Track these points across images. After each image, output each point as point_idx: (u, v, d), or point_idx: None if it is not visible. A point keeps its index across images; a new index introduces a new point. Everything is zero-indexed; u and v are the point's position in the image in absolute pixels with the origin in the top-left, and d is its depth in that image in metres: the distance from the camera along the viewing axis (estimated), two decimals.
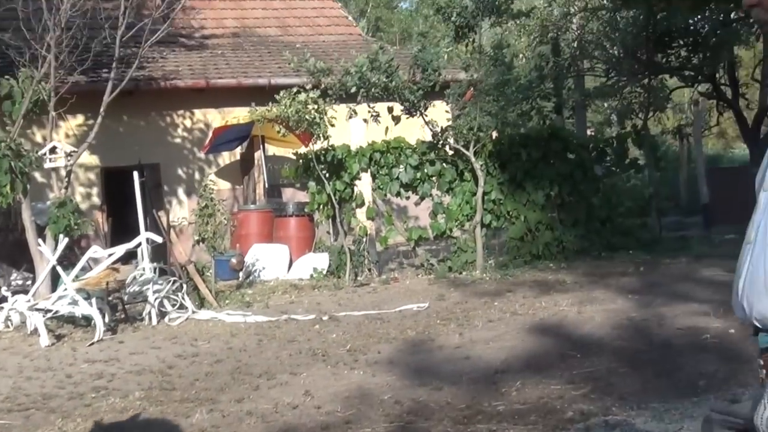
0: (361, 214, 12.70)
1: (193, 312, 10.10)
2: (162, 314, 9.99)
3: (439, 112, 12.80)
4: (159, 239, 10.60)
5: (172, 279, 10.33)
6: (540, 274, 11.79)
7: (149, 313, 9.92)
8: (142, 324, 9.89)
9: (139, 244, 10.57)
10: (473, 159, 12.57)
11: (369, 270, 12.40)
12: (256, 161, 15.50)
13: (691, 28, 15.59)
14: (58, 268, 10.07)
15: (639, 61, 15.59)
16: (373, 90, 11.83)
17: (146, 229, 10.74)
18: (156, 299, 9.95)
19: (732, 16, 15.72)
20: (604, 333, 7.85)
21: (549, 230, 13.12)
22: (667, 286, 10.20)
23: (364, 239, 12.52)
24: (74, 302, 9.39)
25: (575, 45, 17.36)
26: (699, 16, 14.80)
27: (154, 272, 10.46)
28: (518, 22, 16.63)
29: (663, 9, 10.89)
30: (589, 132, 17.62)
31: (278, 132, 12.50)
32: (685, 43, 15.96)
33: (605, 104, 19.94)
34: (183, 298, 10.17)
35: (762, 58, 18.00)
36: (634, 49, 15.34)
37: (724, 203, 15.41)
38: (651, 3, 10.13)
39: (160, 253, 11.87)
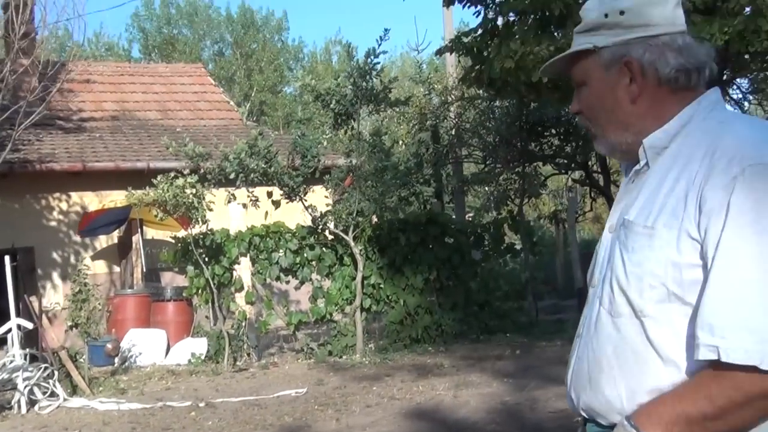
0: (240, 298, 12.59)
1: (65, 400, 9.78)
2: (32, 402, 9.65)
3: (319, 197, 12.89)
4: (30, 325, 10.28)
5: (44, 366, 10.00)
6: (419, 357, 11.86)
7: (18, 401, 9.57)
8: (10, 413, 9.53)
9: (9, 330, 10.22)
10: (352, 244, 12.67)
11: (248, 355, 12.26)
12: (133, 245, 15.27)
13: (563, 118, 16.19)
14: None
15: (514, 149, 16.08)
16: (252, 175, 11.84)
17: (17, 315, 10.40)
18: (26, 387, 9.62)
19: None
20: (479, 417, 7.94)
21: (428, 314, 13.24)
22: (541, 368, 10.38)
23: (244, 324, 12.40)
24: None
25: (453, 133, 17.76)
26: (568, 108, 15.39)
27: (25, 359, 10.11)
28: (397, 110, 16.99)
29: (534, 100, 11.31)
30: (468, 217, 17.94)
31: (156, 216, 12.38)
32: (557, 133, 16.56)
33: (484, 189, 20.40)
34: (54, 386, 9.85)
35: None
36: (508, 138, 15.82)
37: None
38: (522, 94, 10.49)
39: (32, 338, 11.49)
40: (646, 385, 1.77)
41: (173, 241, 13.38)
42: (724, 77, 9.65)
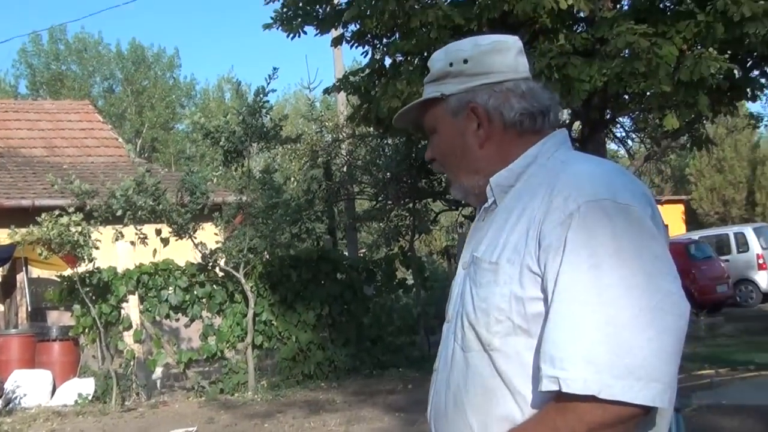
0: (128, 337, 12.40)
1: None
2: None
3: (209, 234, 12.83)
4: None
5: None
6: (311, 393, 11.87)
7: None
8: None
9: None
10: (243, 281, 12.63)
11: (137, 394, 12.06)
12: (18, 283, 14.89)
13: None
14: None
15: (404, 185, 16.28)
16: (139, 212, 11.74)
17: None
18: None
19: None
20: None
21: (320, 350, 13.28)
22: None
23: (132, 363, 12.20)
24: None
25: (345, 170, 17.89)
26: None
27: None
28: (289, 147, 17.06)
29: (421, 138, 11.52)
30: (361, 252, 18.06)
31: (40, 254, 12.13)
32: None
33: (376, 226, 20.56)
34: None
35: None
36: (398, 175, 16.01)
37: None
38: (409, 133, 10.69)
39: None
40: (496, 417, 1.81)
41: (59, 279, 13.12)
42: (607, 116, 10.00)
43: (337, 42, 11.02)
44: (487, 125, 1.97)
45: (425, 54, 9.84)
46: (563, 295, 1.70)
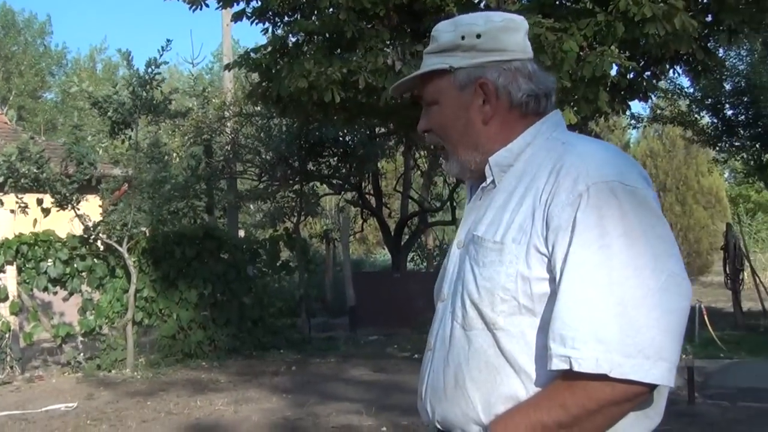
0: (4, 308, 11.93)
1: None
2: None
3: (93, 207, 12.45)
4: None
5: None
6: (193, 372, 11.71)
7: None
8: None
9: None
10: (126, 255, 12.33)
11: (11, 367, 11.64)
12: None
13: (341, 139, 16.51)
14: None
15: (291, 167, 16.20)
16: (22, 180, 11.31)
17: None
18: None
19: (377, 131, 16.87)
20: None
21: (201, 329, 13.10)
22: (318, 385, 10.52)
23: (7, 335, 11.76)
24: None
25: (229, 148, 17.65)
26: (348, 129, 15.71)
27: None
28: (174, 122, 16.71)
29: (320, 120, 11.47)
30: (241, 233, 17.87)
31: None
32: (335, 153, 16.85)
33: (259, 206, 20.39)
34: None
35: (403, 171, 19.40)
36: (287, 156, 15.92)
37: (368, 306, 16.22)
38: (308, 113, 10.62)
39: None
40: (500, 395, 1.84)
41: None
42: None
43: (236, 17, 10.84)
44: (494, 102, 1.99)
45: (331, 34, 9.81)
46: (573, 274, 1.73)
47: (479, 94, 1.99)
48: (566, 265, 1.74)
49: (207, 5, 10.57)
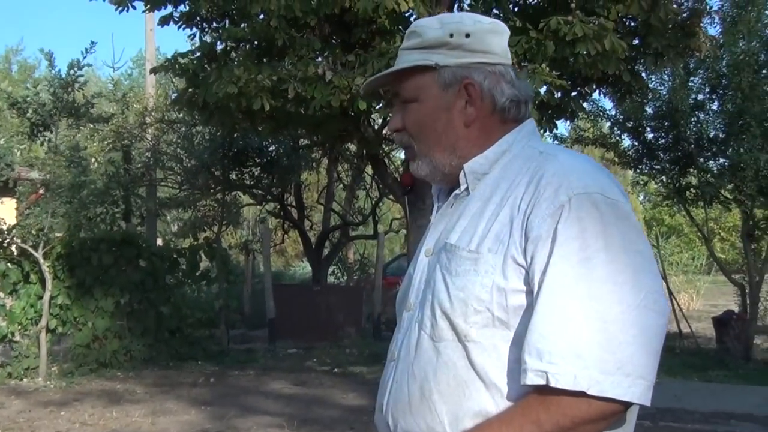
0: None
1: None
2: None
3: (9, 210, 12.11)
4: None
5: None
6: (108, 383, 11.42)
7: None
8: None
9: None
10: (41, 261, 11.98)
11: None
12: None
13: (265, 149, 16.38)
14: None
15: (213, 176, 16.00)
16: None
17: None
18: None
19: (301, 142, 16.78)
20: None
21: (117, 338, 12.80)
22: (238, 397, 10.35)
23: None
24: None
25: (149, 155, 17.38)
26: (272, 140, 15.60)
27: None
28: (94, 126, 16.37)
29: (245, 128, 11.33)
30: (158, 242, 17.58)
31: None
32: (259, 163, 16.69)
33: (178, 215, 20.11)
34: None
35: (326, 184, 19.34)
36: (209, 164, 15.72)
37: (288, 319, 16.06)
38: (235, 121, 10.48)
39: None
40: (469, 410, 1.77)
41: None
42: None
43: (164, 21, 10.66)
44: (478, 105, 1.93)
45: (260, 42, 9.71)
46: (552, 287, 1.68)
47: (462, 95, 1.93)
48: (545, 277, 1.68)
49: (134, 7, 10.38)
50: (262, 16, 9.22)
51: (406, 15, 9.49)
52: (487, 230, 1.80)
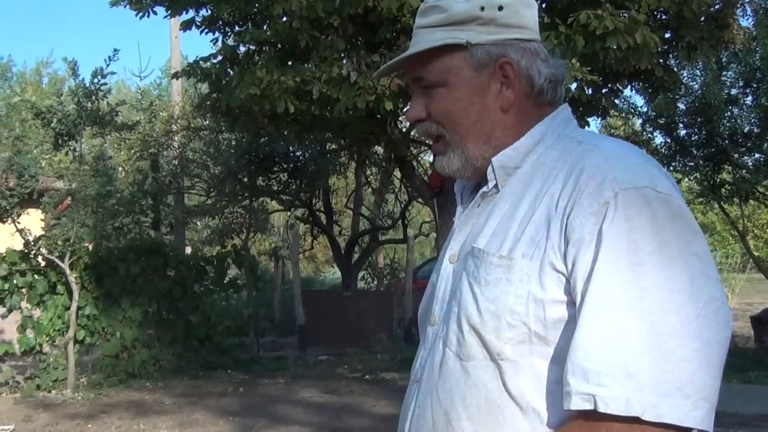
0: None
1: None
2: None
3: (34, 221, 12.01)
4: None
5: None
6: (136, 393, 11.29)
7: None
8: None
9: None
10: (68, 271, 11.90)
11: None
12: None
13: (291, 154, 16.24)
14: None
15: (241, 182, 15.88)
16: None
17: None
18: None
19: (328, 147, 16.63)
20: None
21: (146, 348, 12.68)
22: (267, 407, 10.19)
23: None
24: None
25: (176, 163, 17.32)
26: (298, 144, 15.45)
27: None
28: (120, 134, 16.32)
29: (269, 133, 11.18)
30: (187, 250, 17.50)
31: None
32: (286, 169, 16.56)
33: (206, 222, 20.02)
34: None
35: (354, 188, 19.17)
36: (236, 171, 15.61)
37: (318, 325, 15.92)
38: (260, 125, 10.32)
39: None
40: None
41: None
42: None
43: (186, 26, 10.54)
44: (516, 87, 1.69)
45: (283, 44, 9.54)
46: (599, 297, 1.45)
47: (498, 77, 1.69)
48: (590, 285, 1.46)
49: (155, 12, 10.25)
50: (284, 18, 9.05)
51: None
52: (520, 233, 1.58)
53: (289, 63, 9.33)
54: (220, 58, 10.04)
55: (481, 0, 1.68)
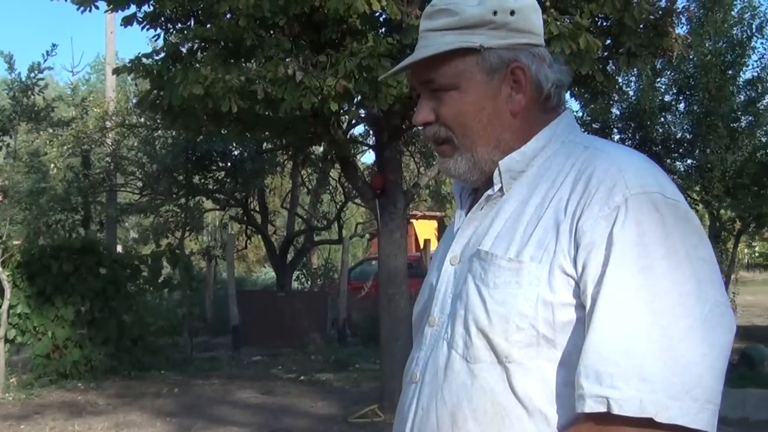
0: None
1: None
2: None
3: None
4: None
5: None
6: (69, 394, 11.11)
7: None
8: None
9: None
10: (0, 269, 11.63)
11: None
12: None
13: (230, 153, 16.12)
14: None
15: (176, 181, 15.70)
16: None
17: None
18: None
19: (264, 146, 16.52)
20: None
21: (78, 348, 12.46)
22: (203, 408, 10.11)
23: None
24: None
25: (109, 160, 17.05)
26: (237, 143, 15.33)
27: None
28: (54, 131, 16.02)
29: (211, 131, 11.05)
30: (119, 248, 17.24)
31: None
32: (223, 167, 16.43)
33: (137, 221, 19.76)
34: None
35: (291, 188, 19.09)
36: (171, 169, 15.42)
37: (251, 325, 15.81)
38: (201, 123, 10.22)
39: None
40: None
41: None
42: (405, 125, 9.98)
43: (127, 21, 10.35)
44: (528, 92, 1.72)
45: (227, 42, 9.45)
46: (610, 300, 1.48)
47: (509, 81, 1.71)
48: (601, 288, 1.48)
49: (97, 7, 10.06)
50: (229, 16, 8.96)
51: (376, 15, 9.30)
52: (527, 236, 1.60)
53: (233, 61, 9.24)
54: (162, 55, 9.90)
55: (493, 4, 1.71)
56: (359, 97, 8.78)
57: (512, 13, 1.71)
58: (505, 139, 1.73)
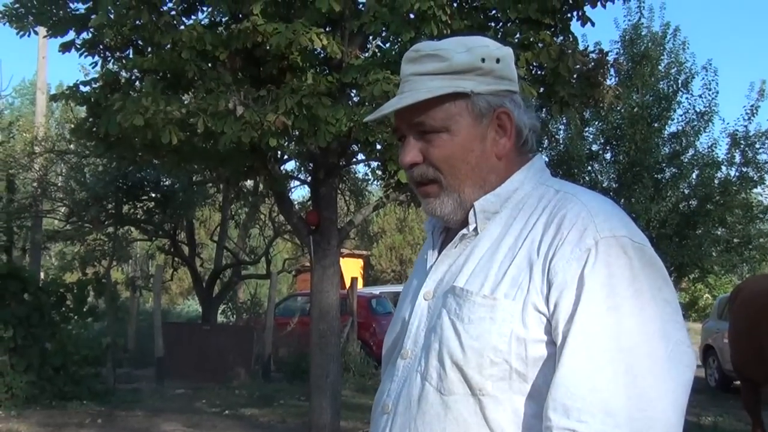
0: None
1: None
2: None
3: None
4: None
5: None
6: None
7: None
8: None
9: None
10: None
11: None
12: None
13: (161, 184, 16.02)
14: None
15: (105, 209, 15.55)
16: None
17: None
18: None
19: (195, 178, 16.45)
20: None
21: None
22: None
23: None
24: None
25: (36, 185, 16.82)
26: (170, 174, 15.24)
27: None
28: None
29: (149, 161, 10.98)
30: (42, 275, 16.97)
31: None
32: (154, 198, 16.31)
33: (60, 248, 19.46)
34: None
35: (220, 221, 19.00)
36: (101, 197, 15.27)
37: (176, 358, 15.65)
38: (136, 154, 10.19)
39: None
40: None
41: None
42: (342, 163, 10.08)
43: (65, 48, 10.31)
44: (511, 136, 1.83)
45: (165, 74, 9.46)
46: (579, 337, 1.57)
47: (494, 126, 1.81)
48: (571, 327, 1.58)
49: (36, 33, 10.02)
50: (168, 47, 8.99)
51: (317, 53, 9.42)
52: (501, 274, 1.69)
53: (172, 93, 9.25)
54: (100, 83, 9.87)
55: (481, 52, 1.81)
56: (297, 134, 8.83)
57: (498, 61, 1.82)
58: (490, 180, 1.82)
